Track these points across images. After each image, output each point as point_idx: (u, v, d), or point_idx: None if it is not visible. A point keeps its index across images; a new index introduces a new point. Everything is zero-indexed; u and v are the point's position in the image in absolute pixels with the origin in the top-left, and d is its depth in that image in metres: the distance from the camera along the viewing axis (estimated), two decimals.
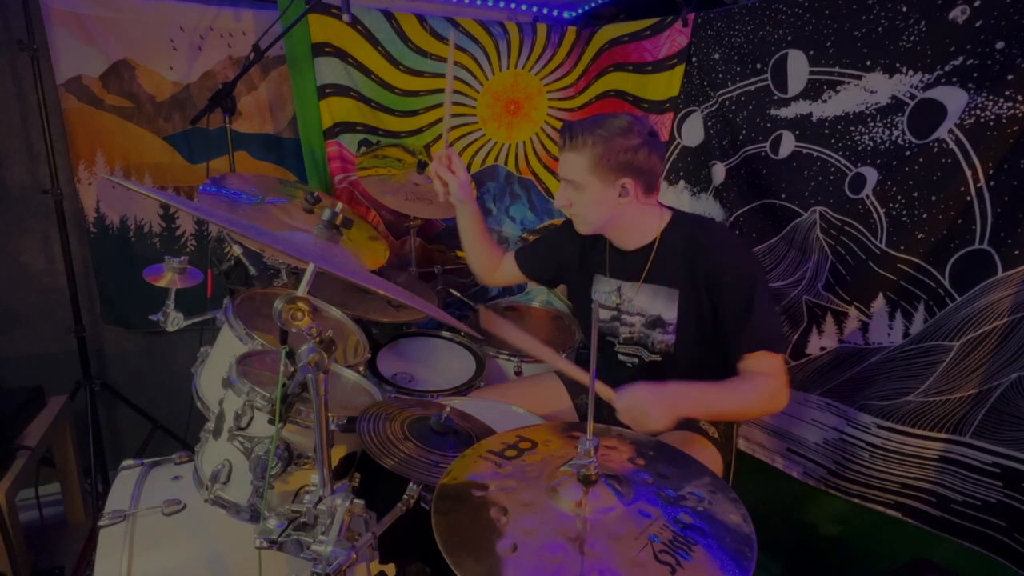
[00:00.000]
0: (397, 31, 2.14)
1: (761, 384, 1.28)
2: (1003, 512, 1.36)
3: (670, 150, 2.15)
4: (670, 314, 1.41)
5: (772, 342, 1.30)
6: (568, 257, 1.61)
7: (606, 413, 1.66)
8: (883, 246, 1.50)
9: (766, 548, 1.85)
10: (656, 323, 1.43)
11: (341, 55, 2.07)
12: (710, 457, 1.42)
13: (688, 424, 1.46)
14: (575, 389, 1.68)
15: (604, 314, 1.51)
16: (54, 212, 1.98)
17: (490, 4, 2.34)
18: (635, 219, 1.41)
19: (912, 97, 1.43)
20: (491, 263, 1.74)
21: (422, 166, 2.13)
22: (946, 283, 1.40)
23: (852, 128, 1.55)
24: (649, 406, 1.18)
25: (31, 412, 1.93)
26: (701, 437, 1.44)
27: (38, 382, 2.05)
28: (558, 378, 1.71)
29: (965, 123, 1.32)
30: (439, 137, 2.31)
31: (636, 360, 1.51)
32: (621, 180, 1.32)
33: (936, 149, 1.38)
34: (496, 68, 2.31)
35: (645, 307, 1.45)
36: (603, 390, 1.24)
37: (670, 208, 1.45)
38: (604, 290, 1.52)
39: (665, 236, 1.41)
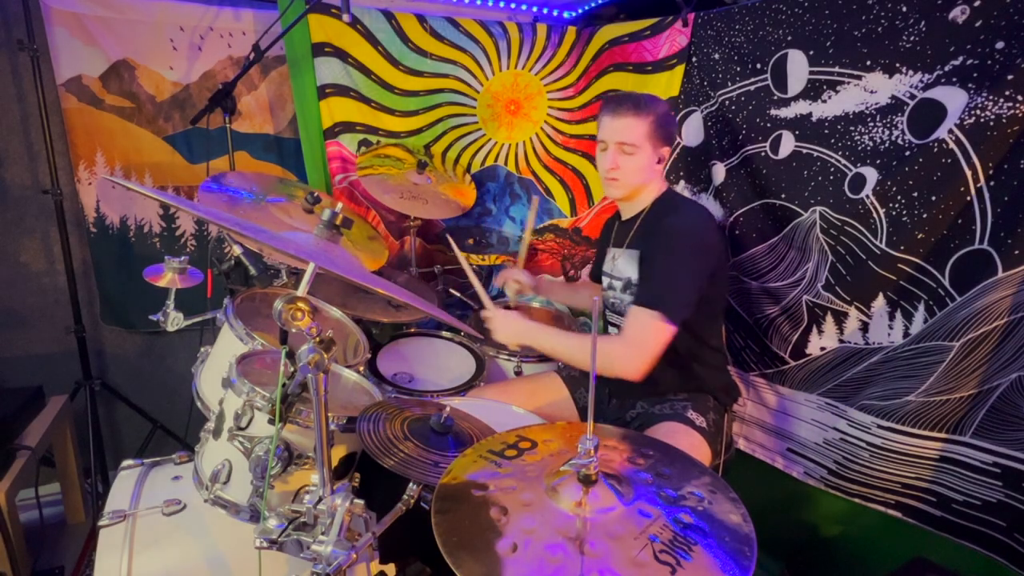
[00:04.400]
0: (397, 31, 2.14)
1: (608, 348, 1.39)
2: (1003, 512, 1.36)
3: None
4: (636, 275, 1.54)
5: (654, 302, 1.38)
6: (599, 248, 1.79)
7: (608, 412, 1.68)
8: (883, 246, 1.50)
9: (766, 548, 1.85)
10: (627, 285, 1.57)
11: (341, 55, 2.08)
12: (694, 445, 1.44)
13: (676, 416, 1.50)
14: (575, 385, 1.69)
15: (604, 281, 1.68)
16: (54, 212, 1.98)
17: (490, 4, 2.34)
18: (651, 189, 1.56)
19: (912, 97, 1.43)
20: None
21: (422, 166, 2.13)
22: (946, 283, 1.40)
23: (852, 128, 1.55)
24: (499, 324, 1.48)
25: (31, 412, 1.93)
26: (687, 427, 1.47)
27: (38, 382, 2.05)
28: (558, 376, 1.72)
29: (965, 123, 1.32)
30: (440, 136, 2.33)
31: (616, 330, 1.63)
32: (663, 149, 1.52)
33: (936, 149, 1.37)
34: (496, 68, 2.31)
35: (623, 270, 1.59)
36: (487, 303, 1.54)
37: (668, 184, 1.63)
38: (608, 259, 1.67)
39: (653, 206, 1.56)
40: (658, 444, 1.02)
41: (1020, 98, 1.24)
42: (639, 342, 1.36)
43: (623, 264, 1.58)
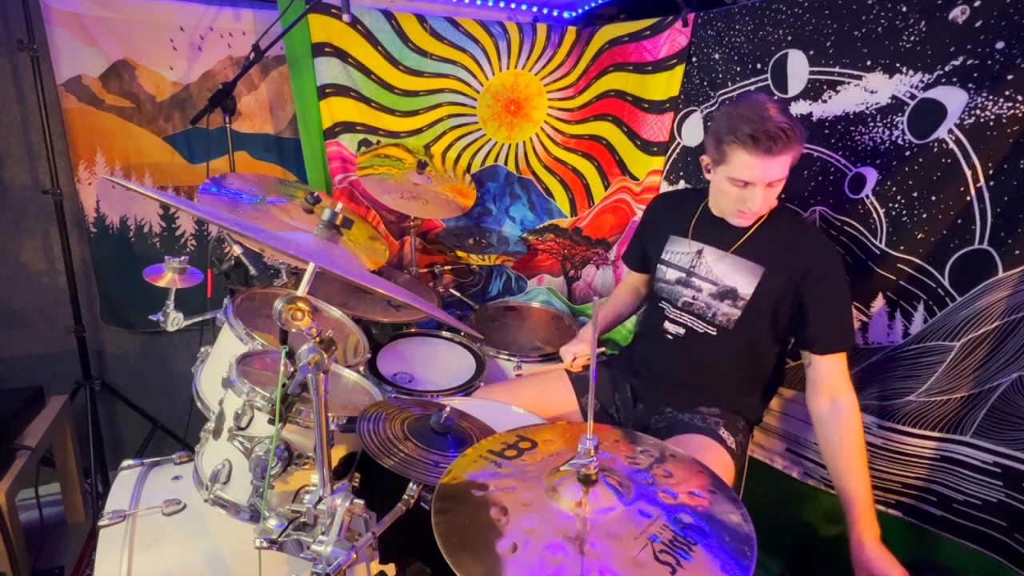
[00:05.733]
0: (397, 31, 2.14)
1: (852, 418, 1.36)
2: (1004, 512, 1.36)
3: (670, 150, 2.15)
4: (746, 289, 1.45)
5: (847, 343, 1.41)
6: (650, 230, 1.70)
7: (632, 416, 1.66)
8: (883, 246, 1.50)
9: (767, 548, 1.85)
10: (728, 295, 1.48)
11: (341, 55, 2.08)
12: (724, 465, 1.41)
13: (706, 429, 1.47)
14: (581, 388, 1.68)
15: (671, 275, 1.57)
16: (54, 212, 1.98)
17: (490, 4, 2.34)
18: None
19: (912, 97, 1.43)
20: (634, 302, 1.87)
21: (422, 166, 2.13)
22: (946, 283, 1.40)
23: (852, 128, 1.55)
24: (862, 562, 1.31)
25: (31, 412, 1.93)
26: (719, 446, 1.44)
27: (38, 382, 2.05)
28: (566, 376, 1.70)
29: (965, 123, 1.32)
30: (440, 136, 2.33)
31: (683, 331, 1.55)
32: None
33: (936, 149, 1.37)
34: (496, 68, 2.31)
35: (722, 276, 1.48)
36: None
37: None
38: (678, 251, 1.57)
39: (771, 217, 1.46)
40: (660, 445, 1.02)
41: (1020, 98, 1.24)
42: (849, 385, 1.40)
43: (724, 270, 1.48)
